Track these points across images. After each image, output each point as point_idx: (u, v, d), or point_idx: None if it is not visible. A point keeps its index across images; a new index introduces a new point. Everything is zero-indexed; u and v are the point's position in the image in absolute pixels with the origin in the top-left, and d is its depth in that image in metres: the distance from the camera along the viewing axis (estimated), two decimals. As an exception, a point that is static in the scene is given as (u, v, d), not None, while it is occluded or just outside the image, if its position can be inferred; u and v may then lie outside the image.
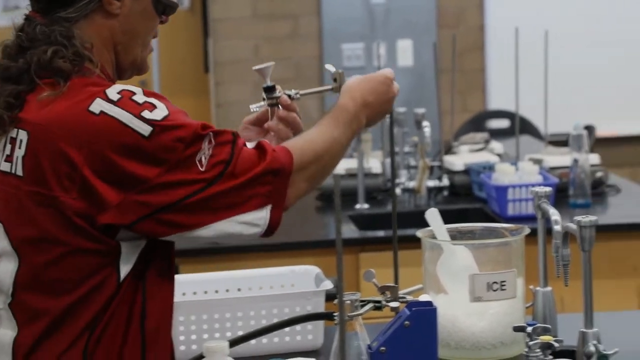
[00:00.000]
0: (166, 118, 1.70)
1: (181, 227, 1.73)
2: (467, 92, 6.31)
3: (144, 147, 1.68)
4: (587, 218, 2.01)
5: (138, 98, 1.71)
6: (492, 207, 3.70)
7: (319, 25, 6.35)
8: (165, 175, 1.69)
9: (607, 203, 3.85)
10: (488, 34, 6.31)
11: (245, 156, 1.75)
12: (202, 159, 1.71)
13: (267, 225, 1.77)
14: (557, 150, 4.07)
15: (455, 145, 4.33)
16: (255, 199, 1.74)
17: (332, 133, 1.87)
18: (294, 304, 2.28)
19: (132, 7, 1.81)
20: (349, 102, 1.92)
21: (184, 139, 1.70)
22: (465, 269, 2.22)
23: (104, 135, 1.68)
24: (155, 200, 1.70)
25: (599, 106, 6.19)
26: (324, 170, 1.86)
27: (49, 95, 1.73)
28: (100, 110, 1.70)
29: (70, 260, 1.73)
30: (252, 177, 1.74)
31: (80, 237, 1.71)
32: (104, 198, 1.69)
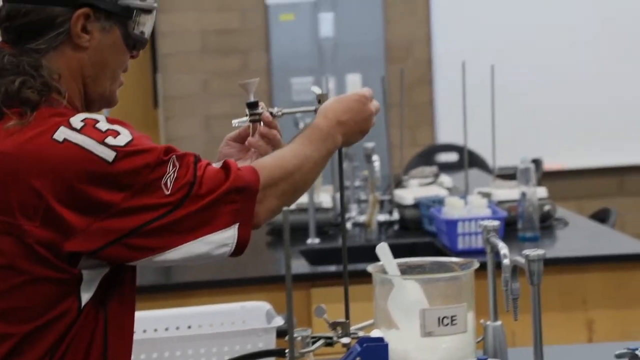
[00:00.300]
0: (129, 143, 1.71)
1: (149, 251, 1.72)
2: (416, 126, 6.35)
3: (108, 173, 1.69)
4: (535, 252, 2.02)
5: (101, 125, 1.72)
6: (442, 241, 3.72)
7: (268, 60, 6.37)
8: (130, 199, 1.70)
9: (555, 236, 3.88)
10: (435, 67, 6.36)
11: (210, 176, 1.75)
12: (167, 182, 1.71)
13: (235, 244, 1.77)
14: (505, 183, 4.10)
15: (405, 179, 4.35)
16: (222, 218, 1.74)
17: (303, 150, 1.88)
18: (245, 341, 2.27)
19: (102, 40, 1.81)
20: (322, 121, 1.93)
21: (149, 163, 1.71)
22: (415, 303, 2.22)
23: (68, 163, 1.69)
24: (122, 225, 1.70)
25: (546, 140, 6.26)
26: (296, 187, 1.86)
27: (15, 125, 1.73)
28: (63, 138, 1.70)
29: (31, 289, 1.72)
30: (217, 196, 1.74)
31: (42, 266, 1.71)
32: (70, 225, 1.69)
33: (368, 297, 2.33)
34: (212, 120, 6.40)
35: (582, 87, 6.31)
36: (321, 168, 1.93)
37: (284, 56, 6.35)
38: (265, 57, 6.37)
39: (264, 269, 3.60)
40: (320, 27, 6.35)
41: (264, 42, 6.37)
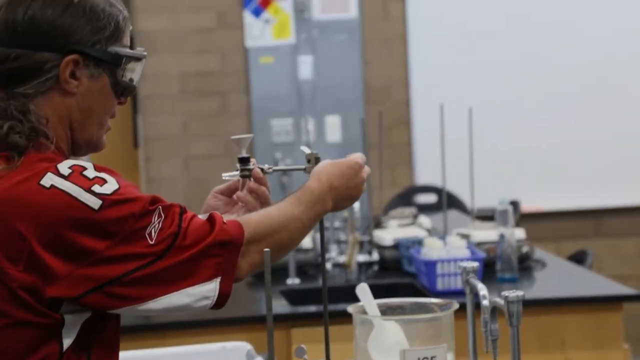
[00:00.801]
0: (116, 192, 1.72)
1: (130, 300, 1.73)
2: (395, 166, 6.38)
3: (93, 220, 1.69)
4: (514, 293, 2.04)
5: (89, 173, 1.73)
6: (422, 282, 3.74)
7: (247, 101, 6.39)
8: (114, 248, 1.70)
9: (534, 277, 3.90)
10: (414, 109, 6.40)
11: (195, 228, 1.76)
12: (151, 232, 1.72)
13: (216, 298, 1.77)
14: (484, 225, 4.13)
15: (384, 220, 4.37)
16: (204, 271, 1.75)
17: (292, 210, 1.89)
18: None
19: (90, 86, 1.83)
20: (314, 184, 1.95)
21: (134, 212, 1.72)
22: (396, 344, 2.23)
23: (53, 209, 1.69)
24: (104, 273, 1.70)
25: (523, 181, 6.30)
26: (281, 245, 1.87)
27: (3, 169, 1.74)
28: (50, 184, 1.71)
29: (12, 333, 1.72)
30: (200, 249, 1.74)
31: (23, 310, 1.71)
32: (52, 270, 1.69)
33: (348, 338, 2.34)
34: (191, 161, 6.41)
35: (559, 130, 6.36)
36: (308, 230, 1.94)
37: (264, 98, 6.38)
38: (245, 98, 6.41)
39: (244, 309, 3.61)
40: (300, 70, 6.39)
41: (244, 84, 6.40)
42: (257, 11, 6.36)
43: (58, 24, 1.79)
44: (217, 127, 6.38)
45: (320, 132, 6.35)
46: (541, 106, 6.36)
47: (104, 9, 1.83)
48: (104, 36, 1.82)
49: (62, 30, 1.79)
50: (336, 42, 6.39)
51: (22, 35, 1.79)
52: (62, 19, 1.79)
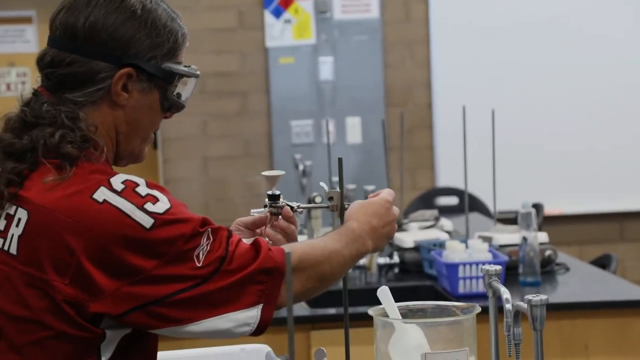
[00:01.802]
0: (168, 211, 1.70)
1: (172, 322, 1.71)
2: (416, 169, 6.34)
3: (144, 239, 1.67)
4: (537, 297, 2.01)
5: (141, 190, 1.71)
6: (443, 285, 3.69)
7: (267, 102, 6.37)
8: (161, 268, 1.68)
9: (557, 281, 3.85)
10: (436, 111, 6.37)
11: (241, 253, 1.74)
12: (199, 255, 1.70)
13: (257, 325, 1.76)
14: (506, 228, 4.08)
15: (405, 222, 4.33)
16: (247, 297, 1.74)
17: (334, 245, 1.88)
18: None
19: (140, 100, 1.81)
20: (354, 224, 1.94)
21: (184, 234, 1.70)
22: (417, 347, 2.19)
23: (105, 224, 1.67)
24: (148, 292, 1.68)
25: (546, 184, 6.25)
26: (322, 277, 1.86)
27: (54, 180, 1.72)
28: (103, 199, 1.69)
29: (52, 344, 1.70)
30: (245, 275, 1.73)
31: (65, 323, 1.69)
32: (98, 286, 1.67)
33: (368, 341, 2.30)
34: (210, 162, 6.39)
35: (583, 132, 6.31)
36: (349, 266, 1.93)
37: (284, 98, 6.36)
38: (264, 99, 6.38)
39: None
40: (320, 70, 6.36)
41: (264, 84, 6.38)
42: (278, 11, 6.33)
43: (118, 35, 1.77)
44: (236, 128, 6.36)
45: (340, 133, 6.32)
46: (565, 108, 6.32)
47: (165, 24, 1.81)
48: (161, 52, 1.81)
49: (121, 42, 1.78)
50: (357, 42, 6.36)
51: (80, 41, 1.77)
52: (122, 30, 1.78)
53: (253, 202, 6.39)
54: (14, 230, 1.71)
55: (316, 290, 1.87)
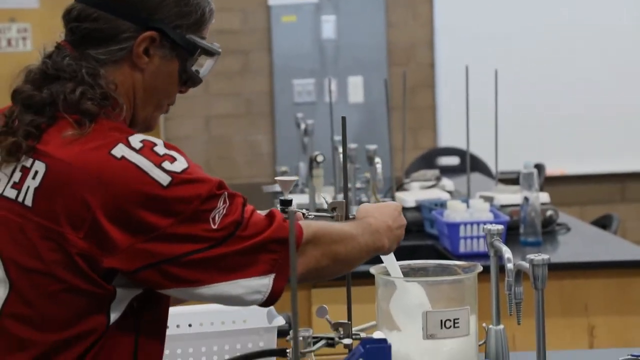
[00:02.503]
0: (185, 171, 1.70)
1: (183, 282, 1.71)
2: (418, 129, 6.34)
3: (161, 196, 1.68)
4: (539, 257, 2.01)
5: (159, 149, 1.71)
6: (444, 244, 3.70)
7: (270, 61, 6.35)
8: (177, 226, 1.69)
9: (558, 241, 3.87)
10: (438, 71, 6.35)
11: (256, 221, 1.75)
12: (215, 217, 1.71)
13: (268, 294, 1.76)
14: (508, 188, 4.09)
15: (406, 182, 4.33)
16: (260, 265, 1.74)
17: (351, 230, 1.89)
18: (246, 340, 2.26)
19: (160, 66, 1.82)
20: (371, 219, 1.95)
21: (201, 194, 1.70)
22: (418, 306, 2.21)
23: (122, 180, 1.68)
24: (162, 251, 1.69)
25: (547, 145, 6.25)
26: (337, 257, 1.85)
27: (74, 134, 1.72)
28: (121, 155, 1.69)
29: (63, 298, 1.71)
30: (259, 241, 1.73)
31: (77, 277, 1.69)
32: (112, 241, 1.68)
33: (370, 299, 2.31)
34: (212, 120, 6.38)
35: (585, 93, 6.30)
36: (364, 256, 1.93)
37: (286, 57, 6.34)
38: (267, 58, 6.36)
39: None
40: (323, 29, 6.34)
41: (266, 43, 6.36)
42: (281, -31, 6.30)
43: None
44: (238, 86, 6.35)
45: (342, 92, 6.31)
46: (567, 69, 6.30)
47: None
48: (187, 22, 1.82)
49: (149, 5, 1.79)
50: (360, 1, 6.33)
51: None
52: None
53: (254, 160, 6.39)
54: (29, 182, 1.71)
55: (330, 270, 1.87)
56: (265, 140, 6.39)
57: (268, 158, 6.38)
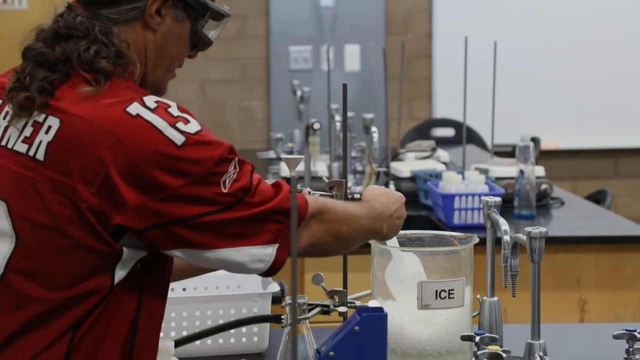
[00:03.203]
0: (198, 133, 1.70)
1: (189, 245, 1.71)
2: (414, 99, 6.33)
3: (174, 156, 1.67)
4: (537, 229, 2.01)
5: (173, 111, 1.71)
6: (438, 215, 3.71)
7: (267, 26, 6.33)
8: (187, 187, 1.68)
9: (551, 215, 3.87)
10: (436, 41, 6.33)
11: (263, 189, 1.75)
12: (226, 181, 1.71)
13: (270, 263, 1.75)
14: (503, 161, 4.09)
15: (402, 152, 4.33)
16: (265, 234, 1.74)
17: (355, 210, 1.89)
18: (241, 306, 2.26)
19: (171, 27, 1.82)
20: (376, 204, 1.95)
21: (213, 157, 1.70)
22: (413, 276, 2.21)
23: (136, 137, 1.67)
24: (171, 211, 1.69)
25: (542, 119, 6.24)
26: (339, 235, 1.85)
27: (89, 91, 1.72)
28: (137, 113, 1.69)
29: (70, 255, 1.70)
30: (266, 210, 1.73)
31: (86, 233, 1.69)
32: (123, 198, 1.67)
33: (365, 268, 2.32)
34: (207, 85, 6.36)
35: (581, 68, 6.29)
36: (363, 238, 1.93)
37: (284, 22, 6.31)
38: (264, 23, 6.34)
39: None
40: (321, -5, 6.32)
41: (264, 8, 6.33)
42: None
43: None
44: (234, 51, 6.32)
45: (338, 60, 6.29)
46: (565, 44, 6.29)
47: None
48: None
49: None
50: (359, -32, 6.31)
51: None
52: None
53: (249, 126, 6.38)
54: (42, 137, 1.71)
55: (329, 247, 1.86)
56: (260, 106, 6.38)
57: (263, 124, 6.37)
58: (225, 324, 2.13)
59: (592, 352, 2.26)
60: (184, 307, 2.25)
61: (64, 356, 1.70)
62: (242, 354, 2.25)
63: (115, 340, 1.73)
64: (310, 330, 2.02)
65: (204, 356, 2.22)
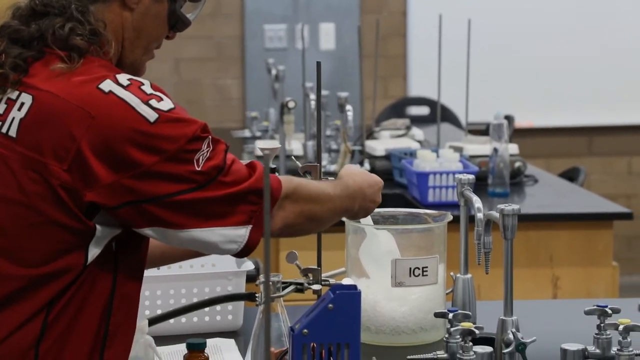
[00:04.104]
0: (171, 110, 1.70)
1: (160, 223, 1.70)
2: (389, 77, 6.33)
3: (147, 133, 1.67)
4: (510, 206, 2.02)
5: (146, 88, 1.71)
6: (413, 193, 3.72)
7: (241, 4, 6.30)
8: (160, 165, 1.68)
9: (525, 193, 3.89)
10: (410, 19, 6.33)
11: (237, 169, 1.74)
12: (199, 159, 1.70)
13: (243, 245, 1.75)
14: (477, 139, 4.11)
15: (377, 131, 4.34)
16: (238, 215, 1.73)
17: (327, 190, 1.88)
18: (215, 284, 2.27)
19: (149, 7, 1.81)
20: (350, 181, 1.94)
21: (187, 134, 1.69)
22: (387, 253, 2.22)
23: (109, 114, 1.67)
24: (144, 189, 1.68)
25: (516, 97, 6.26)
26: (313, 215, 1.84)
27: (62, 68, 1.72)
28: (109, 90, 1.69)
29: (42, 231, 1.70)
30: (239, 191, 1.72)
31: (58, 210, 1.68)
32: (95, 175, 1.67)
33: (339, 246, 2.33)
34: (182, 63, 6.34)
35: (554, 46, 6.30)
36: (335, 217, 1.92)
37: (258, 1, 6.29)
38: (238, 1, 6.31)
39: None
40: (295, -27, 6.30)
41: (238, -15, 6.31)
42: None
43: None
44: (209, 30, 6.30)
45: (313, 39, 6.28)
46: (540, 21, 6.30)
47: None
48: None
49: None
50: (333, -54, 6.29)
51: None
52: None
53: (223, 104, 6.37)
54: (15, 113, 1.71)
55: (303, 228, 1.86)
56: (235, 84, 6.36)
57: (238, 103, 6.35)
58: (199, 302, 2.14)
59: (564, 328, 2.28)
60: (159, 285, 2.25)
61: (38, 335, 1.70)
62: (216, 332, 2.26)
63: (90, 320, 1.73)
64: (284, 308, 2.03)
65: (179, 334, 2.22)
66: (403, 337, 2.21)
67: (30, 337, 1.70)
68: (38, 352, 1.70)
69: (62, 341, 1.71)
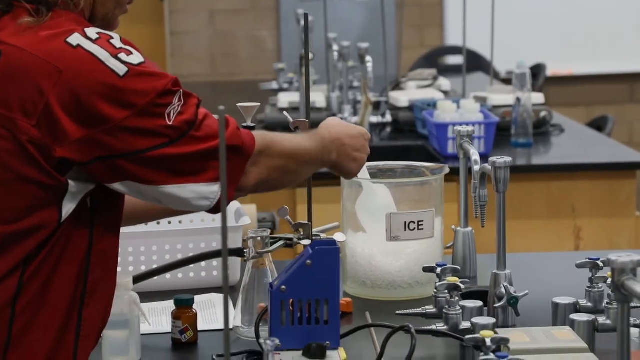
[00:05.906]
0: (141, 64, 1.68)
1: (132, 178, 1.69)
2: (425, 26, 6.26)
3: (117, 87, 1.65)
4: (502, 159, 1.99)
5: (115, 42, 1.69)
6: (433, 145, 3.68)
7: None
8: (131, 119, 1.66)
9: (550, 143, 3.84)
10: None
11: (209, 124, 1.72)
12: (170, 113, 1.68)
13: (216, 201, 1.73)
14: (503, 88, 4.05)
15: (403, 81, 4.29)
16: (211, 171, 1.71)
17: (303, 143, 1.86)
18: (211, 240, 2.27)
19: None
20: (324, 132, 1.91)
21: (157, 88, 1.67)
22: (383, 207, 2.20)
23: (77, 68, 1.65)
24: (115, 144, 1.66)
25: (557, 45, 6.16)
26: (287, 170, 1.83)
27: (29, 22, 1.70)
28: (77, 44, 1.67)
29: (14, 188, 1.68)
30: (211, 147, 1.70)
31: (28, 166, 1.67)
32: (64, 131, 1.66)
33: (335, 200, 2.31)
34: (216, 15, 6.32)
35: None
36: (311, 170, 1.89)
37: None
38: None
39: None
40: None
41: None
42: None
43: None
44: (243, -19, 6.27)
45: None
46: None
47: None
48: None
49: None
50: None
51: None
52: None
53: (258, 56, 6.34)
54: None
55: (279, 183, 1.84)
56: (269, 36, 6.33)
57: (272, 55, 6.33)
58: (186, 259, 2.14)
59: (557, 282, 2.25)
60: (155, 240, 2.25)
61: (14, 293, 1.70)
62: (213, 287, 2.26)
63: (67, 278, 1.73)
64: (272, 263, 2.03)
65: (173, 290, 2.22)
66: (399, 292, 2.20)
67: (6, 295, 1.70)
68: (15, 310, 1.70)
69: (40, 299, 1.71)
